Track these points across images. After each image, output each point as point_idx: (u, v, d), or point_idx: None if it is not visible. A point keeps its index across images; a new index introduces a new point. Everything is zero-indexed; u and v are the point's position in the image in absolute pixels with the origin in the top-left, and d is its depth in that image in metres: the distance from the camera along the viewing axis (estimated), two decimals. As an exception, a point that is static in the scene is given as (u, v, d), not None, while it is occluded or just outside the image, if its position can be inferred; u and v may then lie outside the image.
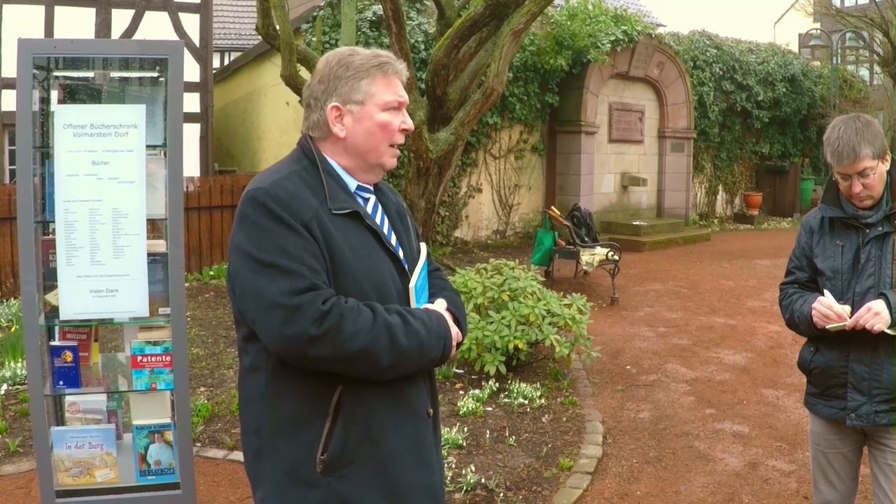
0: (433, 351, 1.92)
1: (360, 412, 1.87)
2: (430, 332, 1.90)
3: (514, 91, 12.71)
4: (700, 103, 15.88)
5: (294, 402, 1.88)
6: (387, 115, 1.97)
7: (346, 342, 1.76)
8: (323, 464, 1.85)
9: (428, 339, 1.89)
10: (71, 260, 3.04)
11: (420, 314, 1.92)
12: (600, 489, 4.19)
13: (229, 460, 4.47)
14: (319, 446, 1.85)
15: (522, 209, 13.81)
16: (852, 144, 2.57)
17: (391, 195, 2.16)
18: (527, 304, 5.86)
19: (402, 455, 1.93)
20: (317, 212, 1.84)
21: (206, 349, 6.75)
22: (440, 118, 7.11)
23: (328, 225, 1.85)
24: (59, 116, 3.06)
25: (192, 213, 9.67)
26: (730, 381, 6.13)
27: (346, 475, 1.86)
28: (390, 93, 1.97)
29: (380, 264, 1.93)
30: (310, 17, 11.59)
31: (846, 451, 2.83)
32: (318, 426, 1.86)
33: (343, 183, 1.98)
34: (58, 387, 3.18)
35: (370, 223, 1.94)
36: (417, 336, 1.87)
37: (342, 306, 1.78)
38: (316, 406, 1.86)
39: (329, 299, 1.78)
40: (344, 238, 1.87)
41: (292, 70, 7.15)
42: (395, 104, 1.98)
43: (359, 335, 1.77)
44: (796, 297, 2.82)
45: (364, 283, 1.88)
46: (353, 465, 1.87)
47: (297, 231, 1.80)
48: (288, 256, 1.78)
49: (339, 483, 1.86)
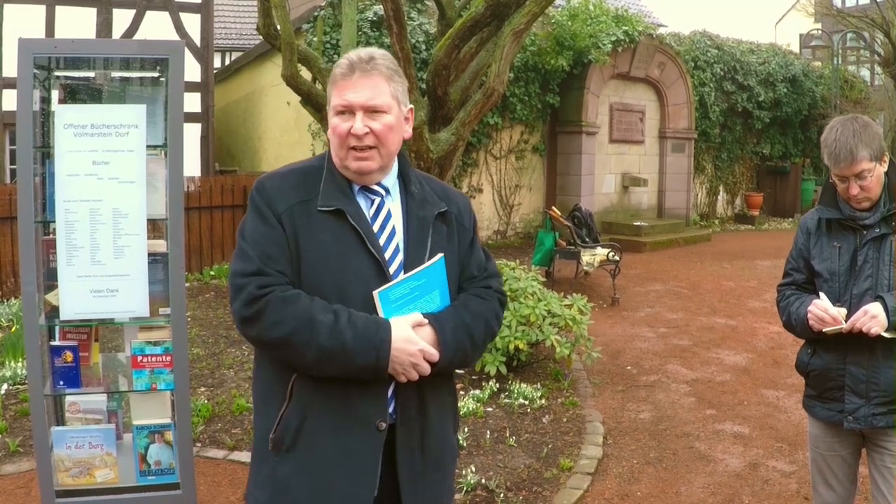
0: (361, 358, 1.85)
1: (303, 403, 1.94)
2: (358, 338, 1.84)
3: (514, 91, 12.71)
4: (701, 104, 15.88)
5: (266, 380, 2.03)
6: (336, 119, 1.99)
7: (269, 328, 1.86)
8: (272, 442, 1.96)
9: (353, 344, 1.84)
10: (71, 260, 3.04)
11: (358, 318, 1.87)
12: (601, 490, 4.19)
13: (229, 460, 4.47)
14: (274, 425, 1.96)
15: (523, 209, 13.82)
16: (849, 147, 2.56)
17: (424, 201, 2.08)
18: (527, 304, 5.86)
19: (334, 459, 1.93)
20: (293, 206, 1.95)
21: (207, 349, 6.75)
22: (441, 118, 7.10)
23: (302, 219, 1.93)
24: (59, 116, 3.06)
25: (192, 212, 9.67)
26: (730, 381, 6.13)
27: (287, 459, 1.96)
28: (336, 97, 1.98)
29: (354, 265, 1.93)
30: (311, 18, 11.60)
31: (845, 454, 2.83)
32: (277, 406, 1.96)
33: (343, 183, 2.00)
34: (58, 387, 3.18)
35: (353, 222, 1.95)
36: (341, 338, 1.84)
37: (275, 295, 1.87)
38: (279, 387, 1.96)
39: (269, 286, 1.87)
40: (320, 234, 1.93)
41: (293, 70, 7.14)
42: (340, 108, 1.97)
43: (280, 324, 1.85)
44: (793, 300, 2.81)
45: (324, 281, 1.92)
46: (292, 451, 1.95)
47: (268, 221, 1.93)
48: (250, 241, 1.93)
49: (281, 465, 1.96)
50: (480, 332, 2.05)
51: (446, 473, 2.14)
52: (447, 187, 2.21)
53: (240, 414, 5.13)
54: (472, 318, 2.03)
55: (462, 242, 2.12)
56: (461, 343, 1.99)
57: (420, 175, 2.16)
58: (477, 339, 2.04)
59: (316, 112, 7.64)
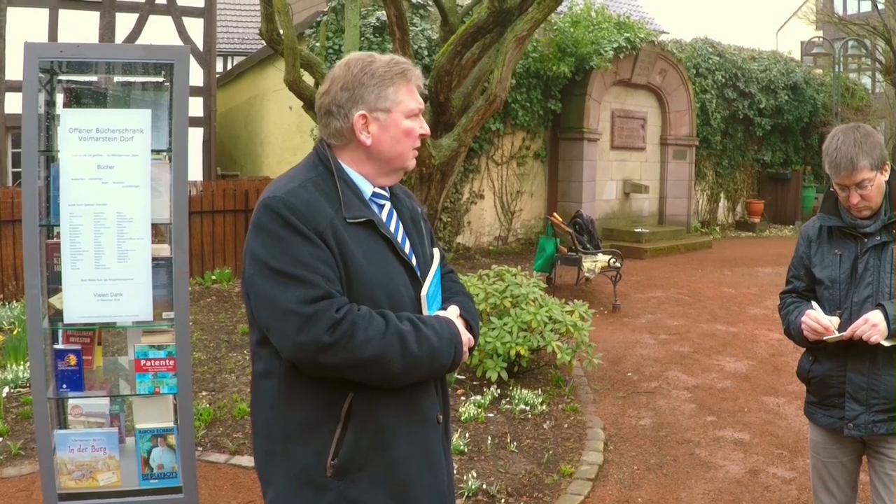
0: (444, 357, 1.93)
1: (372, 419, 1.89)
2: (441, 339, 1.91)
3: (516, 97, 12.73)
4: (702, 111, 15.90)
5: (305, 408, 1.90)
6: (410, 121, 2.00)
7: (358, 349, 1.79)
8: (333, 468, 1.87)
9: (439, 346, 1.91)
10: (75, 263, 3.05)
11: (431, 321, 1.93)
12: (601, 496, 4.19)
13: (231, 464, 4.48)
14: (330, 451, 1.87)
15: (524, 215, 13.83)
16: (850, 156, 2.57)
17: (405, 199, 2.16)
18: (528, 310, 5.87)
19: (412, 460, 1.95)
20: (332, 221, 1.86)
21: (209, 353, 6.76)
22: (443, 124, 7.12)
23: (343, 234, 1.86)
24: (64, 120, 3.08)
25: (194, 217, 9.68)
26: (731, 388, 6.13)
27: (357, 480, 1.89)
28: (414, 100, 2.00)
29: (393, 273, 1.95)
30: (314, 23, 11.63)
31: (845, 461, 2.84)
32: (329, 431, 1.88)
33: (358, 191, 1.99)
34: (61, 390, 3.19)
35: (384, 232, 1.95)
36: (429, 343, 1.88)
37: (355, 314, 1.80)
38: (327, 412, 1.88)
39: (342, 307, 1.80)
40: (358, 247, 1.89)
41: (296, 75, 7.16)
42: (416, 111, 2.01)
43: (370, 343, 1.79)
44: (792, 308, 2.84)
45: (377, 292, 1.90)
46: (364, 470, 1.89)
47: (312, 240, 1.82)
48: (303, 266, 1.80)
49: (349, 487, 1.88)
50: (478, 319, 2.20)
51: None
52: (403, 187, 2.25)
53: (241, 418, 5.14)
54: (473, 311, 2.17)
55: (431, 237, 2.22)
56: (479, 330, 2.16)
57: None
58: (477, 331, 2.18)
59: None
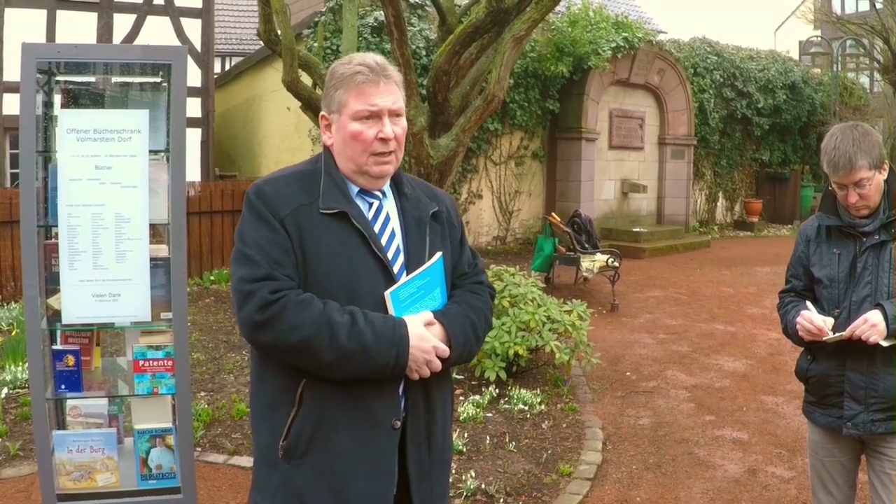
0: (381, 357, 1.88)
1: (316, 407, 1.93)
2: (378, 338, 1.87)
3: (514, 97, 12.74)
4: (700, 110, 15.91)
5: (272, 387, 2.00)
6: (357, 124, 1.98)
7: (286, 332, 1.85)
8: (283, 450, 1.95)
9: (374, 344, 1.87)
10: (73, 264, 3.04)
11: (375, 319, 1.90)
12: (600, 495, 4.19)
13: (230, 465, 4.48)
14: (283, 432, 1.94)
15: (523, 215, 13.83)
16: (848, 155, 2.57)
17: (418, 202, 2.12)
18: (527, 310, 5.87)
19: (353, 460, 1.94)
20: (296, 209, 1.93)
21: (207, 354, 6.76)
22: (441, 124, 7.12)
23: (306, 223, 1.92)
24: (62, 121, 3.07)
25: (192, 217, 9.68)
26: (729, 387, 6.14)
27: (301, 465, 1.94)
28: (360, 102, 1.97)
29: (360, 267, 1.95)
30: (311, 23, 11.62)
31: (844, 460, 2.84)
32: (285, 413, 1.94)
33: (344, 186, 2.01)
34: (59, 390, 3.18)
35: (357, 224, 1.95)
36: (361, 338, 1.86)
37: (289, 298, 1.86)
38: (286, 393, 1.95)
39: (281, 290, 1.86)
40: (325, 237, 1.92)
41: (294, 75, 7.16)
42: (365, 114, 1.97)
43: (299, 328, 1.84)
44: (790, 307, 2.84)
45: (332, 283, 1.92)
46: (307, 457, 1.93)
47: (271, 225, 1.92)
48: (255, 247, 1.91)
49: (294, 472, 1.95)
50: (482, 326, 2.13)
51: (448, 469, 2.20)
52: (432, 187, 2.25)
53: (240, 419, 5.13)
54: (475, 313, 2.10)
55: (453, 240, 2.18)
56: (468, 338, 2.06)
57: (407, 177, 2.21)
58: (479, 333, 2.11)
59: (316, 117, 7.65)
